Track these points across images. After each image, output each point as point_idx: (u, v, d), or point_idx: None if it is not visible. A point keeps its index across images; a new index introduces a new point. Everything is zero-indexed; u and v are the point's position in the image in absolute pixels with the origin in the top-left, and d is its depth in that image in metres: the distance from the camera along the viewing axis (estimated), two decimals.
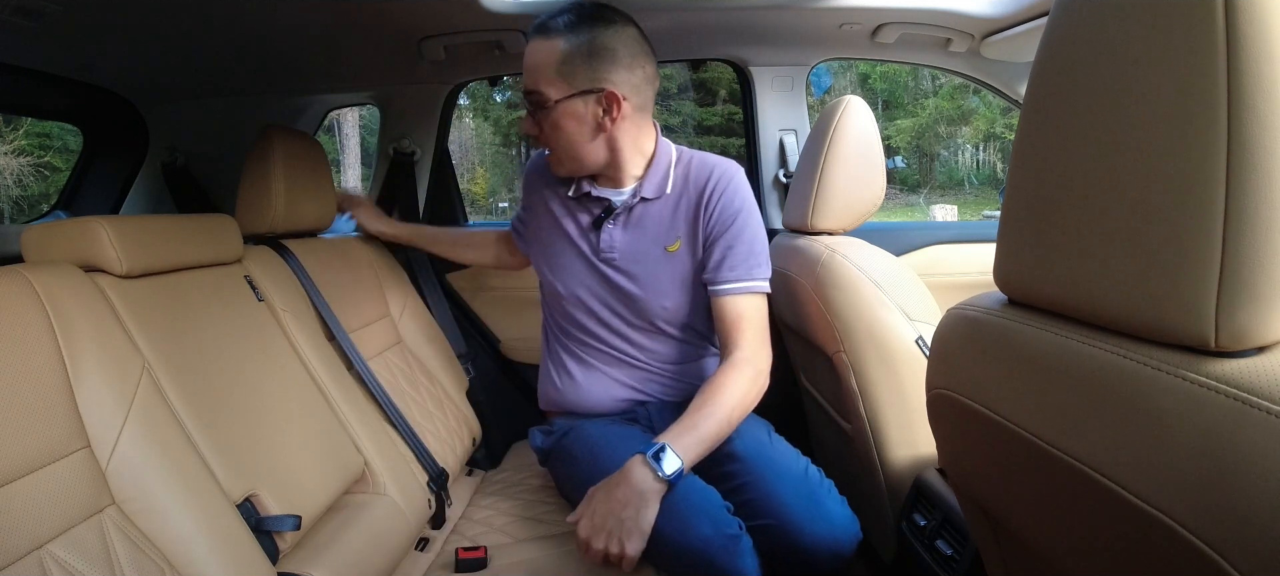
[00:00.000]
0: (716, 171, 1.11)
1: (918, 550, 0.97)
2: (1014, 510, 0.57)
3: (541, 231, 1.23)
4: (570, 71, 1.04)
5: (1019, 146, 0.49)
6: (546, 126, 1.08)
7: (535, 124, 1.09)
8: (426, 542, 1.13)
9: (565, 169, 1.12)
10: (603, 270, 1.15)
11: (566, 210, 1.19)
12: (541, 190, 1.22)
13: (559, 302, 1.20)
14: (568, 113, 1.06)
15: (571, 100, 1.05)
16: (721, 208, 1.09)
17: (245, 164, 1.20)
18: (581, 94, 1.04)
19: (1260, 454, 0.33)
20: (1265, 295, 0.35)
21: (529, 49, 1.06)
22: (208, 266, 1.01)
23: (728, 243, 1.08)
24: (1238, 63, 0.34)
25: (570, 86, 1.04)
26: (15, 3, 0.95)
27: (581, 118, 1.06)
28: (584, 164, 1.10)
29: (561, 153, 1.10)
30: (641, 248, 1.13)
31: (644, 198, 1.12)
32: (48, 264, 0.78)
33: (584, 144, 1.08)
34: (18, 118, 9.71)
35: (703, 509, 0.91)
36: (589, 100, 1.05)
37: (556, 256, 1.20)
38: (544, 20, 1.05)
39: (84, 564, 0.66)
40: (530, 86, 1.07)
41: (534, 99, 1.07)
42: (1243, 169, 0.35)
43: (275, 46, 1.29)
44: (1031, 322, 0.50)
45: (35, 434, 0.66)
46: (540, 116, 1.07)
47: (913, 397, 1.02)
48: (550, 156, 1.12)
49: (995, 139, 14.51)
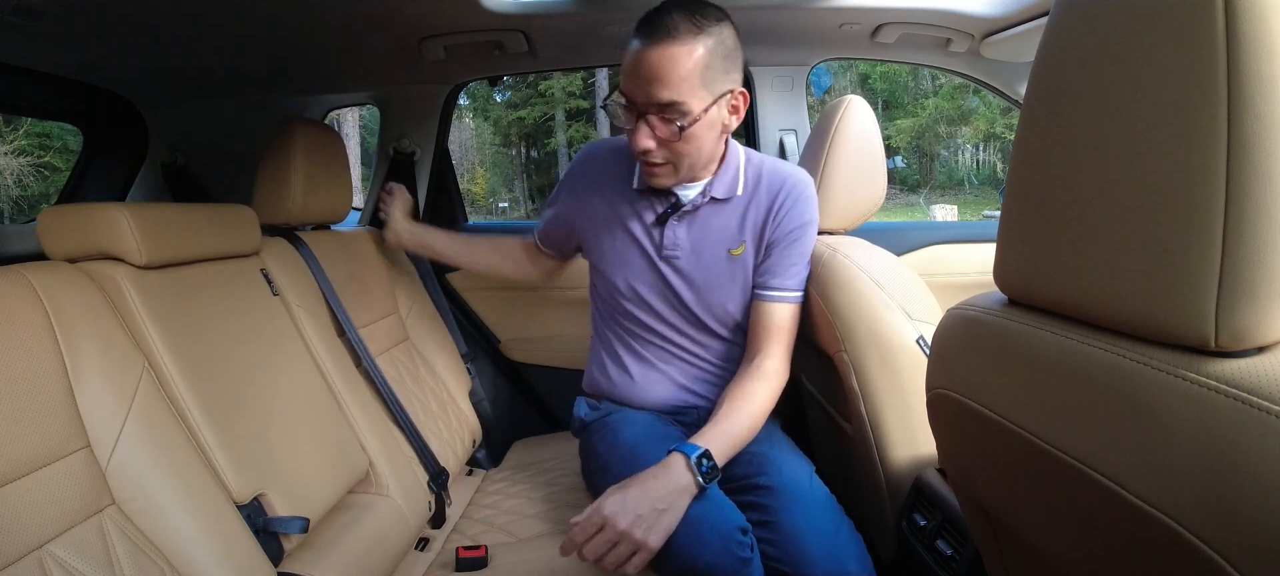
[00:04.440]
0: (791, 179, 1.09)
1: (918, 550, 0.97)
2: (1014, 510, 0.57)
3: (596, 225, 1.16)
4: (711, 77, 0.95)
5: (1019, 146, 0.49)
6: (683, 139, 0.97)
7: (654, 137, 0.98)
8: (427, 542, 1.13)
9: (674, 180, 1.04)
10: (663, 268, 1.11)
11: (630, 205, 1.12)
12: (597, 182, 1.15)
13: (616, 298, 1.15)
14: (708, 123, 0.97)
15: (713, 108, 0.97)
16: (793, 216, 1.07)
17: (264, 154, 1.20)
18: (717, 100, 0.97)
19: (1261, 454, 0.33)
20: (1265, 295, 0.35)
21: (657, 56, 0.93)
22: (225, 259, 1.01)
23: (786, 251, 1.07)
24: (1238, 63, 0.34)
25: (710, 94, 0.96)
26: (15, 3, 0.95)
27: (714, 125, 0.99)
28: (699, 173, 1.05)
29: (684, 164, 1.01)
30: (705, 248, 1.09)
31: (714, 197, 1.08)
32: (47, 264, 0.78)
33: (710, 152, 1.02)
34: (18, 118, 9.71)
35: (718, 527, 0.88)
36: (722, 104, 0.98)
37: (617, 251, 1.14)
38: (663, 22, 0.93)
39: (84, 564, 0.66)
40: (668, 98, 0.94)
41: (673, 111, 0.95)
42: (1243, 169, 0.34)
43: (276, 46, 1.29)
44: (1031, 322, 0.50)
45: (35, 434, 0.66)
46: (674, 130, 0.96)
47: (913, 397, 1.01)
48: (659, 169, 1.02)
49: (995, 139, 14.52)
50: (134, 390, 0.76)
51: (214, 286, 0.95)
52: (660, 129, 0.97)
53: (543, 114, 14.98)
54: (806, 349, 1.27)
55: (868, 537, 1.07)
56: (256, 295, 1.03)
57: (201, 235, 0.95)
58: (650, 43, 0.93)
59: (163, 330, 0.83)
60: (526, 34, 1.35)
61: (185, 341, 0.85)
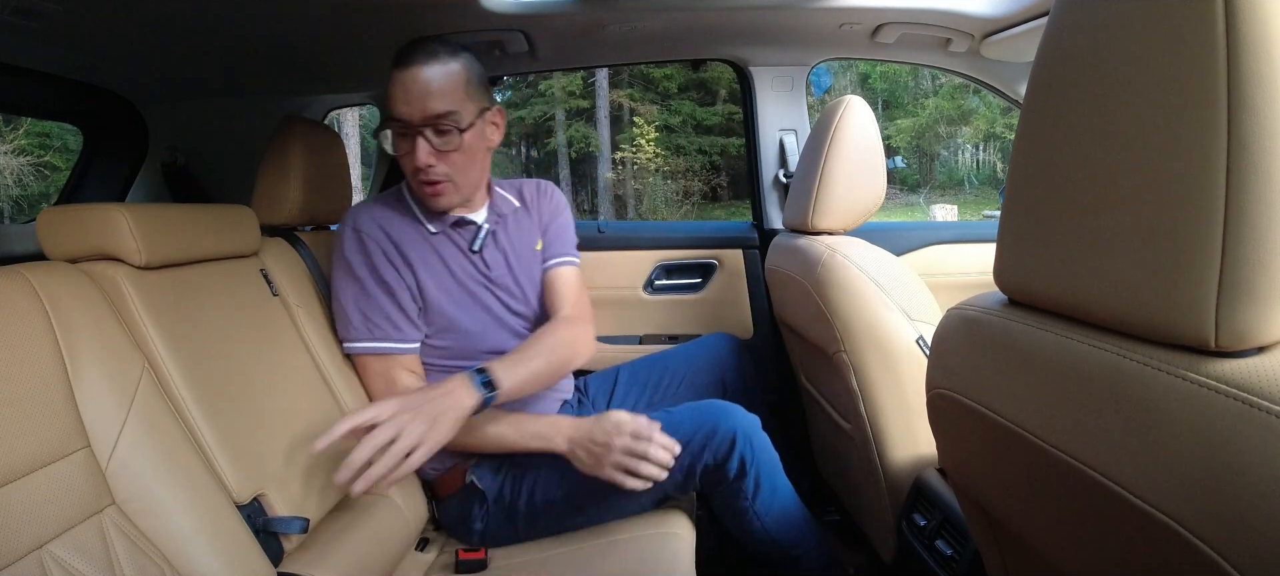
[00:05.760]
0: (535, 182, 1.27)
1: (918, 550, 0.97)
2: (1014, 510, 0.57)
3: (433, 288, 1.10)
4: (473, 91, 1.06)
5: (1019, 146, 0.49)
6: (459, 151, 1.05)
7: (434, 151, 1.03)
8: (427, 543, 1.13)
9: (457, 197, 1.10)
10: (499, 294, 1.16)
11: (435, 251, 1.12)
12: (399, 242, 1.09)
13: (469, 357, 1.10)
14: (478, 134, 1.08)
15: (479, 120, 1.07)
16: (552, 204, 1.26)
17: (264, 154, 1.20)
18: (482, 113, 1.08)
19: (1260, 454, 0.33)
20: (1265, 295, 0.35)
21: (423, 75, 1.01)
22: (224, 259, 1.01)
23: (561, 231, 1.24)
24: (1238, 63, 0.34)
25: (476, 105, 1.06)
26: (15, 3, 0.95)
27: (483, 140, 1.10)
28: (476, 188, 1.13)
29: (462, 178, 1.08)
30: (518, 257, 1.19)
31: (500, 213, 1.18)
32: (47, 264, 0.78)
33: (480, 170, 1.12)
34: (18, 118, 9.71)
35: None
36: (486, 119, 1.09)
37: (461, 304, 1.12)
38: (422, 47, 1.03)
39: (84, 564, 0.66)
40: (443, 108, 1.02)
41: (448, 121, 1.03)
42: (1243, 169, 0.34)
43: (275, 46, 1.29)
44: (1031, 322, 0.50)
45: (35, 434, 0.66)
46: (450, 141, 1.04)
47: (913, 397, 1.02)
48: (441, 187, 1.06)
49: (995, 139, 14.52)
50: (134, 390, 0.76)
51: (214, 287, 0.95)
52: (437, 142, 1.04)
53: (543, 114, 14.98)
54: (806, 349, 1.27)
55: (868, 537, 1.07)
56: (256, 295, 1.03)
57: (201, 235, 0.95)
58: (417, 64, 1.02)
59: (162, 330, 0.83)
60: (526, 34, 1.35)
61: (185, 342, 0.85)
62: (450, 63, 1.03)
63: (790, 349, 1.45)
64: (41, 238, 0.85)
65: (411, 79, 1.02)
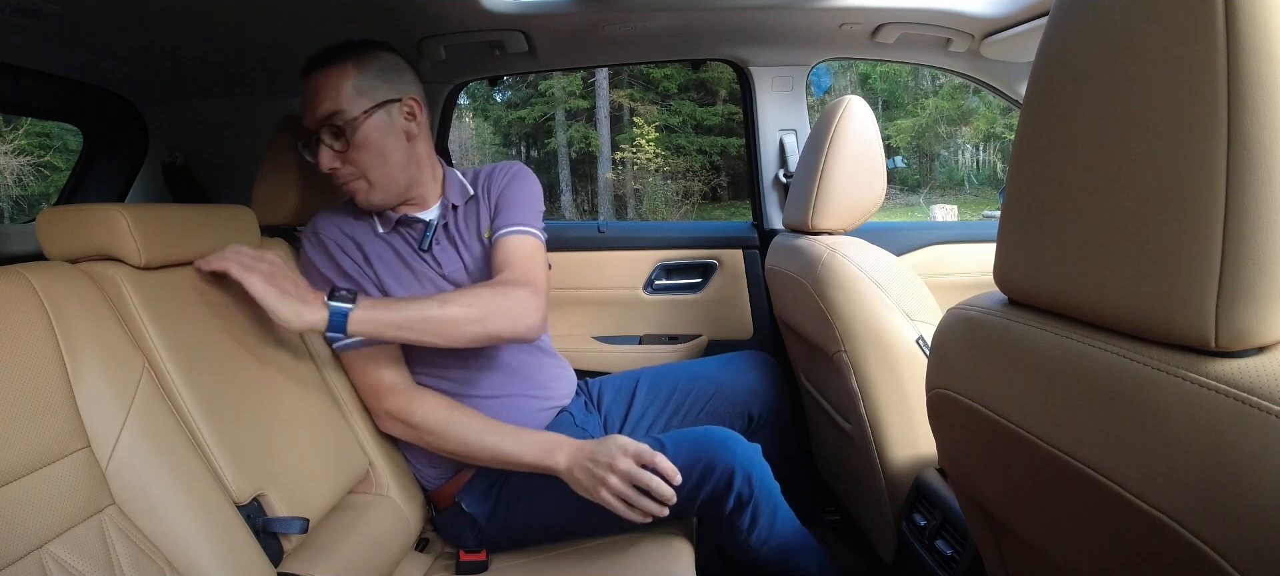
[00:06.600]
0: (500, 165, 1.21)
1: (918, 550, 0.97)
2: (1014, 510, 0.57)
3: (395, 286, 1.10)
4: (366, 86, 1.03)
5: (1019, 146, 0.49)
6: (356, 148, 1.03)
7: (335, 154, 1.04)
8: (427, 543, 1.13)
9: (379, 196, 1.08)
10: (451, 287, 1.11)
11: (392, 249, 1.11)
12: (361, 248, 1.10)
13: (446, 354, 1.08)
14: (377, 127, 1.04)
15: (379, 112, 1.04)
16: (504, 178, 1.18)
17: (264, 154, 1.20)
18: (380, 106, 1.04)
19: (1260, 454, 0.33)
20: (1265, 295, 0.35)
21: (312, 82, 1.03)
22: None
23: (507, 200, 1.14)
24: (1238, 63, 0.34)
25: (370, 100, 1.03)
26: (15, 3, 0.95)
27: (390, 131, 1.05)
28: (399, 182, 1.08)
29: (373, 175, 1.06)
30: (469, 249, 1.13)
31: (454, 204, 1.14)
32: (47, 264, 0.78)
33: (400, 161, 1.07)
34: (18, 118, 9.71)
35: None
36: (391, 111, 1.05)
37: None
38: (318, 57, 1.03)
39: (84, 564, 0.66)
40: (327, 110, 1.02)
41: (336, 119, 1.02)
42: (1243, 169, 0.34)
43: (276, 46, 1.29)
44: (1031, 322, 0.50)
45: (35, 434, 0.66)
46: (341, 140, 1.03)
47: (913, 397, 1.02)
48: (355, 187, 1.07)
49: (995, 139, 14.51)
50: (134, 390, 0.76)
51: (214, 287, 0.95)
52: (334, 143, 1.04)
53: (543, 114, 14.98)
54: (806, 349, 1.27)
55: (868, 537, 1.07)
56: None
57: (201, 235, 0.95)
58: (310, 72, 1.04)
59: (162, 330, 0.83)
60: (526, 34, 1.35)
61: (185, 341, 0.85)
62: (334, 63, 1.03)
63: (790, 349, 1.45)
64: (41, 238, 0.85)
65: (306, 87, 1.04)
